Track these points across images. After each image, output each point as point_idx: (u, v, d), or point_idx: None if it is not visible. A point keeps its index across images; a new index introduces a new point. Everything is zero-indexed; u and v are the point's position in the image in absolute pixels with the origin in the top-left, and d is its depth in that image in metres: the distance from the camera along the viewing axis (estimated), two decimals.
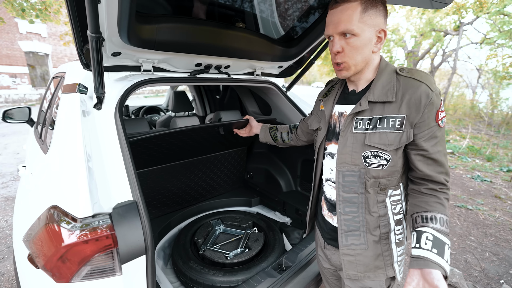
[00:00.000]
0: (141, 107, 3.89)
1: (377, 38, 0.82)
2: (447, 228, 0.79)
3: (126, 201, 0.87)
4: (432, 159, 0.81)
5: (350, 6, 0.78)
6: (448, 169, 0.84)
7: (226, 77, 1.67)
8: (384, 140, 0.81)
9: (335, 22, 0.81)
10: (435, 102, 0.77)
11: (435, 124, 0.78)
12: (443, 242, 0.76)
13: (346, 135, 0.89)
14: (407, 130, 0.79)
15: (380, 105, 0.83)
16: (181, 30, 1.23)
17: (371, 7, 0.78)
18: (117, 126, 1.06)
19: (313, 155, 2.01)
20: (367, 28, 0.79)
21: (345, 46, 0.82)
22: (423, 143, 0.80)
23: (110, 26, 0.96)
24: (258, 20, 1.53)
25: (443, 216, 0.79)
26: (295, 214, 2.07)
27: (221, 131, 1.71)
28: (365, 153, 0.85)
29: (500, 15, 9.88)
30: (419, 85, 0.78)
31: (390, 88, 0.81)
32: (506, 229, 3.12)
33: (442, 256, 0.74)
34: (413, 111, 0.78)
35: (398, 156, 0.82)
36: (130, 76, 1.31)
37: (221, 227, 1.92)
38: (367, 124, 0.84)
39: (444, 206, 0.81)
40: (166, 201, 2.00)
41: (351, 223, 0.92)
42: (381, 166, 0.83)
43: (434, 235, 0.77)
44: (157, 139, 1.48)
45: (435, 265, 0.73)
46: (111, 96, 1.16)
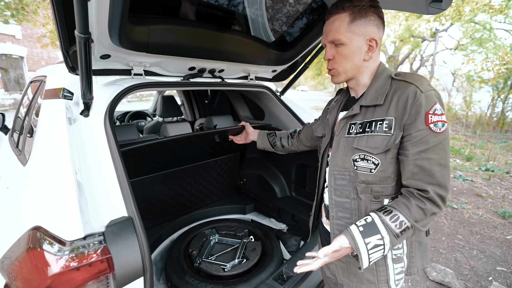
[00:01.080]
0: (126, 112, 3.73)
1: (368, 46, 0.83)
2: (397, 228, 0.74)
3: (120, 218, 0.79)
4: (419, 166, 0.75)
5: (339, 17, 0.82)
6: (443, 183, 0.74)
7: (220, 81, 1.62)
8: (370, 143, 0.80)
9: (327, 32, 0.86)
10: (423, 102, 0.73)
11: (424, 128, 0.73)
12: (377, 230, 0.74)
13: (339, 139, 0.90)
14: (396, 133, 0.77)
15: (371, 109, 0.83)
16: (175, 32, 1.17)
17: (359, 17, 0.80)
18: (108, 134, 0.98)
19: (307, 160, 2.02)
20: (355, 37, 0.81)
21: (335, 54, 0.86)
22: (410, 147, 0.75)
23: (100, 26, 0.89)
24: (253, 24, 1.50)
25: (400, 215, 0.74)
26: (291, 220, 2.03)
27: (216, 139, 1.65)
28: (354, 156, 0.84)
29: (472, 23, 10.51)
30: (408, 86, 0.77)
31: (382, 92, 0.81)
32: (490, 227, 3.24)
33: (364, 236, 0.74)
34: (401, 113, 0.76)
35: (388, 161, 0.79)
36: (120, 80, 1.23)
37: (216, 236, 1.84)
38: (359, 128, 0.85)
39: (410, 210, 0.74)
40: (157, 212, 1.90)
41: (343, 229, 0.90)
42: (369, 170, 0.81)
43: (374, 220, 0.76)
44: (149, 148, 1.40)
45: (348, 235, 0.76)
46: (99, 102, 1.08)
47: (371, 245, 0.74)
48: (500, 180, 4.77)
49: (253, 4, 1.40)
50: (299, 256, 1.48)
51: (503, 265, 2.56)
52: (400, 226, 0.74)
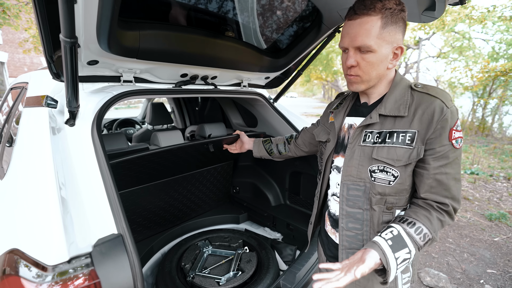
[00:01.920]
0: (114, 120, 3.61)
1: (393, 54, 0.79)
2: (421, 240, 0.73)
3: (109, 235, 0.73)
4: (437, 180, 0.75)
5: (370, 19, 0.73)
6: (457, 196, 0.76)
7: (213, 88, 1.58)
8: (392, 155, 0.77)
9: (352, 35, 0.76)
10: (449, 119, 0.73)
11: (448, 143, 0.73)
12: (404, 243, 0.71)
13: (353, 148, 0.86)
14: (418, 147, 0.75)
15: (391, 119, 0.80)
16: (168, 38, 1.13)
17: (391, 23, 0.73)
18: (95, 145, 0.92)
19: (301, 167, 2.00)
20: (385, 44, 0.75)
21: (360, 61, 0.78)
22: (431, 161, 0.75)
23: (87, 31, 0.83)
24: (246, 30, 1.48)
25: (424, 227, 0.73)
26: (286, 229, 1.99)
27: (211, 148, 1.60)
28: (371, 167, 0.81)
29: (452, 33, 11.03)
30: (433, 100, 0.75)
31: (403, 102, 0.79)
32: (478, 229, 3.30)
33: (394, 250, 0.70)
34: (425, 127, 0.74)
35: (407, 174, 0.78)
36: (108, 87, 1.17)
37: (210, 248, 1.77)
38: (376, 138, 0.81)
39: (432, 222, 0.74)
40: (147, 224, 1.82)
41: (353, 240, 0.88)
42: (388, 182, 0.79)
43: (400, 233, 0.73)
44: (141, 159, 1.33)
45: (379, 249, 0.71)
46: (86, 111, 1.01)
47: (400, 259, 0.70)
48: (484, 183, 4.91)
49: (247, 11, 1.38)
50: (296, 267, 1.44)
51: (493, 267, 2.60)
52: (424, 238, 0.73)
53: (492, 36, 10.33)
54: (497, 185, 4.83)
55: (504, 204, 4.02)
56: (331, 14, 1.36)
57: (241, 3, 1.32)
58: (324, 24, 1.45)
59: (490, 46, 10.65)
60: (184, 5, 1.20)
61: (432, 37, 11.51)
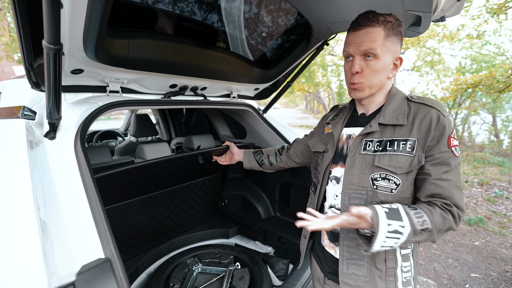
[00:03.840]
0: (94, 132, 3.44)
1: (394, 65, 0.83)
2: (419, 224, 0.71)
3: (95, 261, 0.65)
4: (440, 186, 0.75)
5: (374, 30, 0.78)
6: (461, 205, 0.75)
7: (202, 99, 1.54)
8: (394, 162, 0.78)
9: (358, 42, 0.80)
10: (446, 126, 0.75)
11: (447, 150, 0.75)
12: (400, 217, 0.71)
13: (354, 156, 0.86)
14: (419, 154, 0.77)
15: (390, 128, 0.82)
16: (158, 48, 1.10)
17: (392, 34, 0.79)
18: (79, 159, 0.85)
19: (291, 179, 1.98)
20: (388, 53, 0.80)
21: (364, 68, 0.81)
22: (431, 167, 0.76)
23: (73, 38, 0.78)
24: (236, 41, 1.48)
25: (425, 215, 0.72)
26: (277, 242, 1.94)
27: (200, 160, 1.55)
28: (373, 175, 0.81)
29: (423, 48, 11.81)
30: (430, 110, 0.78)
31: (401, 112, 0.81)
32: (459, 234, 3.42)
33: (388, 217, 0.70)
34: (424, 135, 0.77)
35: (409, 182, 0.79)
36: (93, 98, 1.10)
37: (199, 266, 1.68)
38: (377, 146, 0.82)
39: (433, 215, 0.72)
40: (131, 242, 1.70)
41: (354, 251, 0.86)
42: (390, 190, 0.79)
43: (398, 209, 0.73)
44: (126, 173, 1.25)
45: (373, 209, 0.71)
46: (69, 123, 0.94)
47: (392, 228, 0.70)
48: None
49: (237, 22, 1.38)
50: (291, 282, 1.39)
51: (476, 271, 2.69)
52: (422, 224, 0.71)
53: (459, 51, 11.18)
54: (472, 190, 5.08)
55: (480, 209, 4.22)
56: (321, 28, 1.39)
57: (232, 15, 1.32)
58: (314, 37, 1.48)
59: (457, 61, 11.52)
60: (175, 15, 1.17)
61: (406, 51, 12.26)
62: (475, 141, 11.07)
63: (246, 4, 1.33)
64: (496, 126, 11.28)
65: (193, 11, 1.20)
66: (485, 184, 5.35)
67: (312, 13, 1.30)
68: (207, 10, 1.24)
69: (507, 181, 5.52)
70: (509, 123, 10.63)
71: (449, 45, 10.80)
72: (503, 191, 4.96)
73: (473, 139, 11.29)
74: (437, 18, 1.21)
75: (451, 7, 1.10)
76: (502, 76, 4.44)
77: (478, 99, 9.31)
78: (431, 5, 0.94)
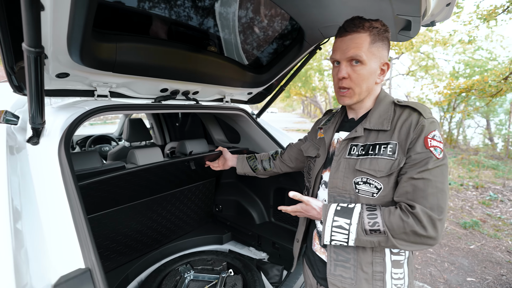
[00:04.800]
0: (88, 137, 3.40)
1: (381, 70, 0.84)
2: (369, 225, 0.74)
3: (75, 271, 0.63)
4: (414, 185, 0.72)
5: (360, 35, 0.79)
6: (437, 205, 0.70)
7: (194, 103, 1.53)
8: (374, 166, 0.79)
9: (344, 47, 0.81)
10: (424, 127, 0.75)
11: (425, 151, 0.73)
12: (350, 215, 0.77)
13: (339, 160, 0.87)
14: (400, 158, 0.76)
15: (375, 133, 0.82)
16: (147, 51, 1.08)
17: (378, 40, 0.80)
18: (62, 166, 0.82)
19: (285, 183, 1.96)
20: (374, 58, 0.81)
21: (351, 73, 0.82)
22: (408, 168, 0.74)
23: (56, 41, 0.77)
24: (229, 46, 1.47)
25: (379, 217, 0.74)
26: (271, 248, 1.91)
27: (192, 166, 1.52)
28: (356, 179, 0.82)
29: (418, 53, 11.97)
30: (412, 113, 0.79)
31: (387, 117, 0.82)
32: (455, 238, 3.42)
33: (337, 214, 0.79)
34: (404, 138, 0.77)
35: (390, 186, 0.78)
36: (80, 102, 1.08)
37: (191, 273, 1.65)
38: (361, 150, 0.83)
39: (390, 216, 0.72)
40: (122, 249, 1.66)
41: (341, 252, 0.86)
42: (371, 194, 0.79)
43: (354, 208, 0.78)
44: (116, 179, 1.23)
45: (326, 205, 0.83)
46: (54, 128, 0.92)
47: (337, 223, 0.78)
48: (456, 192, 5.17)
49: (229, 26, 1.38)
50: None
51: (472, 275, 2.67)
52: (372, 225, 0.74)
53: (452, 56, 11.35)
54: (467, 194, 5.11)
55: (475, 212, 4.23)
56: (313, 32, 1.39)
57: (223, 19, 1.31)
58: (306, 41, 1.48)
59: (451, 66, 11.69)
60: (165, 19, 1.16)
61: (401, 56, 12.42)
62: (470, 145, 11.18)
63: (238, 8, 1.32)
64: (490, 129, 11.42)
65: (184, 15, 1.20)
66: (480, 187, 5.38)
67: (304, 17, 1.30)
68: (198, 14, 1.23)
69: (501, 184, 5.56)
70: (502, 126, 10.77)
71: (443, 50, 10.97)
72: (498, 194, 4.98)
73: (468, 143, 11.41)
74: (428, 23, 1.21)
75: (440, 11, 1.11)
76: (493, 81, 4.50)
77: (472, 103, 9.44)
78: (419, 10, 0.94)
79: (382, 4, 0.99)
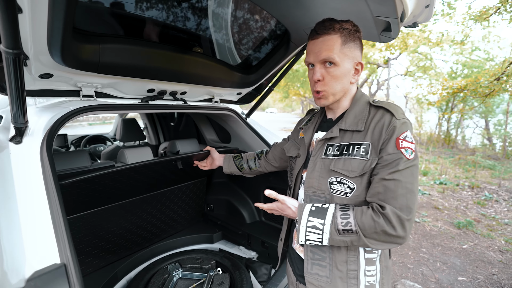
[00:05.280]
0: (83, 137, 3.42)
1: (355, 70, 0.85)
2: (342, 225, 0.75)
3: (49, 266, 0.65)
4: (385, 186, 0.73)
5: (331, 37, 0.80)
6: (406, 206, 0.72)
7: (182, 104, 1.55)
8: (347, 166, 0.80)
9: (317, 50, 0.82)
10: (396, 128, 0.76)
11: (396, 152, 0.74)
12: (324, 216, 0.78)
13: (316, 160, 0.88)
14: (372, 158, 0.77)
15: (349, 133, 0.84)
16: (131, 53, 1.10)
17: (350, 40, 0.81)
18: (44, 165, 0.84)
19: (276, 182, 1.98)
20: (346, 59, 0.82)
21: (325, 75, 0.83)
22: (380, 168, 0.76)
23: (37, 42, 0.79)
24: (216, 46, 1.49)
25: (352, 217, 0.75)
26: (261, 247, 1.93)
27: (179, 165, 1.54)
28: (330, 178, 0.83)
29: (415, 53, 11.99)
30: (385, 114, 0.80)
31: (362, 118, 0.83)
32: (448, 237, 3.43)
33: (311, 215, 0.80)
34: (377, 138, 0.78)
35: (363, 186, 0.79)
36: (65, 102, 1.10)
37: (180, 271, 1.67)
38: (336, 151, 0.84)
39: (362, 216, 0.74)
40: (111, 248, 1.68)
41: (317, 251, 0.88)
42: (345, 194, 0.81)
43: (328, 208, 0.79)
44: (101, 178, 1.25)
45: (301, 205, 0.84)
46: (37, 127, 0.94)
47: (311, 223, 0.80)
48: (452, 192, 5.19)
49: (216, 27, 1.40)
50: (270, 287, 1.38)
51: (463, 274, 2.69)
52: (345, 225, 0.76)
53: (450, 57, 11.38)
54: (463, 193, 5.12)
55: (470, 212, 4.25)
56: (298, 33, 1.41)
57: (209, 20, 1.33)
58: (292, 42, 1.50)
59: (449, 66, 11.71)
60: (150, 20, 1.18)
61: (399, 57, 12.44)
62: (469, 145, 11.19)
63: (224, 9, 1.34)
64: (489, 130, 11.43)
65: (169, 16, 1.22)
66: (476, 187, 5.40)
67: (288, 19, 1.32)
68: (183, 15, 1.25)
69: (497, 184, 5.57)
70: (501, 127, 10.78)
71: (440, 51, 10.99)
72: (493, 194, 5.00)
73: (466, 143, 11.43)
74: (410, 24, 1.23)
75: (421, 13, 1.13)
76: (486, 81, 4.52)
77: (470, 104, 9.45)
78: (396, 11, 0.96)
79: (360, 5, 1.00)
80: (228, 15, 1.38)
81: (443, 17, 5.46)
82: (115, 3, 1.04)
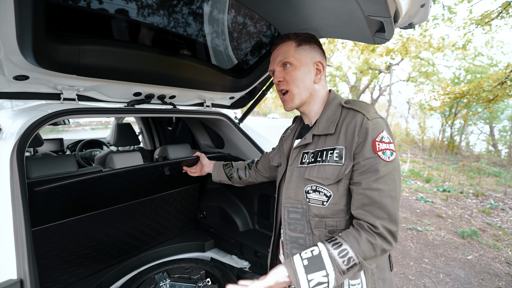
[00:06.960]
0: (79, 141, 3.40)
1: (316, 70, 0.86)
2: (345, 264, 0.67)
3: (4, 282, 0.59)
4: (369, 197, 0.69)
5: (286, 43, 0.87)
6: (394, 216, 0.69)
7: (171, 108, 1.50)
8: (322, 173, 0.77)
9: (274, 57, 0.89)
10: (370, 130, 0.72)
11: (373, 156, 0.70)
12: (322, 265, 0.68)
13: (293, 169, 0.86)
14: (347, 163, 0.74)
15: (323, 138, 0.81)
16: (113, 54, 1.06)
17: (305, 43, 0.86)
18: (12, 171, 0.80)
19: (270, 190, 1.92)
20: (303, 59, 0.85)
21: (285, 75, 0.86)
22: (358, 175, 0.72)
23: (6, 42, 0.75)
24: (205, 49, 1.45)
25: (350, 250, 0.68)
26: (253, 256, 1.85)
27: (166, 171, 1.49)
28: (306, 187, 0.80)
29: (417, 59, 11.93)
30: (356, 114, 0.77)
31: (333, 120, 0.80)
32: (452, 247, 3.31)
33: (308, 271, 0.68)
34: (350, 142, 0.74)
35: (340, 193, 0.75)
36: (44, 105, 1.06)
37: (167, 282, 1.59)
38: (311, 158, 0.81)
39: (360, 245, 0.68)
40: (97, 256, 1.62)
41: None
42: (322, 203, 0.77)
43: (321, 253, 0.70)
44: (82, 184, 1.20)
45: (290, 268, 0.70)
46: (10, 131, 0.90)
47: (314, 282, 0.68)
48: (456, 200, 5.06)
49: (205, 29, 1.36)
50: None
51: (468, 287, 2.57)
52: (348, 262, 0.68)
53: (453, 62, 11.30)
54: (467, 201, 4.99)
55: (475, 221, 4.12)
56: None
57: (196, 21, 1.30)
58: None
59: (452, 72, 11.62)
60: (134, 21, 1.15)
61: (401, 62, 12.39)
62: (473, 152, 11.01)
63: (213, 11, 1.31)
64: (494, 136, 11.25)
65: (155, 17, 1.18)
66: (481, 195, 5.26)
67: (279, 21, 1.28)
68: (169, 16, 1.21)
69: (503, 192, 5.43)
70: (506, 133, 10.61)
71: (443, 56, 10.92)
72: (499, 202, 4.86)
73: (471, 150, 11.25)
74: (405, 25, 1.19)
75: (416, 13, 1.08)
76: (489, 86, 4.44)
77: (473, 109, 9.33)
78: (387, 10, 0.91)
79: (351, 4, 0.96)
80: (218, 17, 1.34)
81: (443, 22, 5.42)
82: (96, 3, 1.01)
